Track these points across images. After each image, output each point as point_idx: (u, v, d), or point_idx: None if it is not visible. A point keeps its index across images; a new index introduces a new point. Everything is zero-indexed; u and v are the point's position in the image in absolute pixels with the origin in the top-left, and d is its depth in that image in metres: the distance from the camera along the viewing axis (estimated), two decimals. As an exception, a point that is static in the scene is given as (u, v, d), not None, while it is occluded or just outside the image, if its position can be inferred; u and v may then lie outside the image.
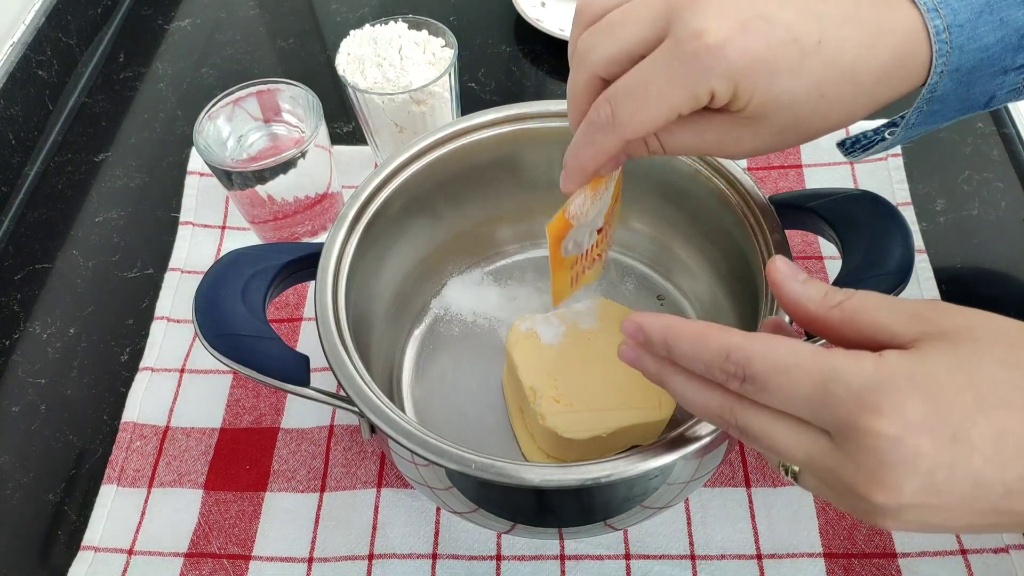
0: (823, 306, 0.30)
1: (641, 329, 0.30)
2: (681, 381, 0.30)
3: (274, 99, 0.58)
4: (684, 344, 0.29)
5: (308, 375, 0.40)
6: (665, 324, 0.30)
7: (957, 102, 0.36)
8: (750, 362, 0.27)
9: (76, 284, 0.61)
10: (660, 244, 0.54)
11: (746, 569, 0.45)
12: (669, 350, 0.30)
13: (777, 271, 0.31)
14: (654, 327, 0.30)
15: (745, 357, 0.27)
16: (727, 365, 0.28)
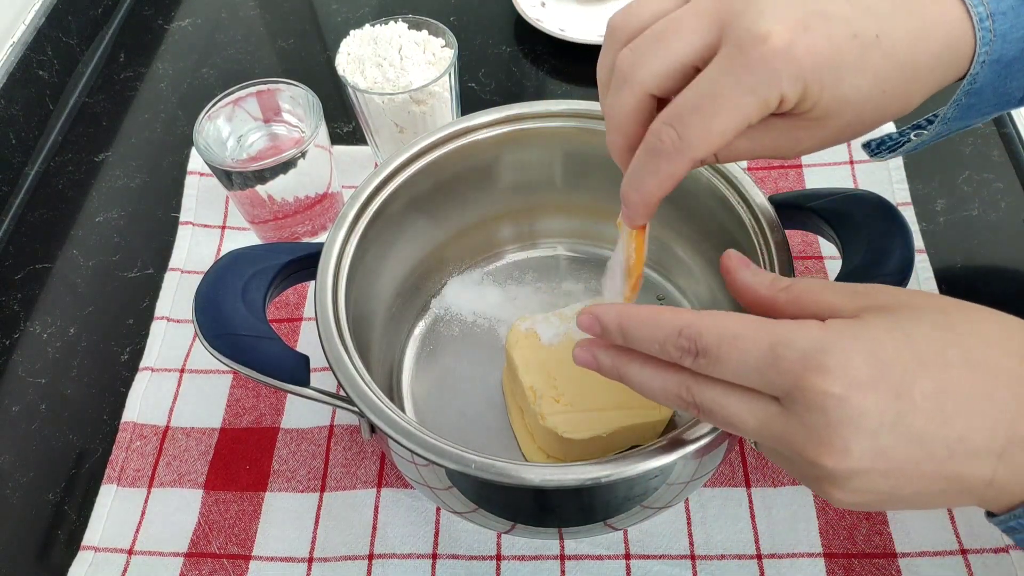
0: (771, 289, 0.32)
1: (598, 320, 0.31)
2: (637, 368, 0.31)
3: (274, 99, 0.58)
4: (638, 327, 0.30)
5: (308, 375, 0.40)
6: (618, 311, 0.31)
7: (993, 96, 0.35)
8: (701, 335, 0.28)
9: (76, 284, 0.61)
10: (659, 244, 0.53)
11: (746, 569, 0.45)
12: (624, 335, 0.31)
13: (729, 260, 0.33)
14: (609, 315, 0.31)
15: (696, 331, 0.28)
16: (680, 341, 0.29)
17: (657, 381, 0.31)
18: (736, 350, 0.28)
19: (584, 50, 0.72)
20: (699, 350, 0.28)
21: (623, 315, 0.31)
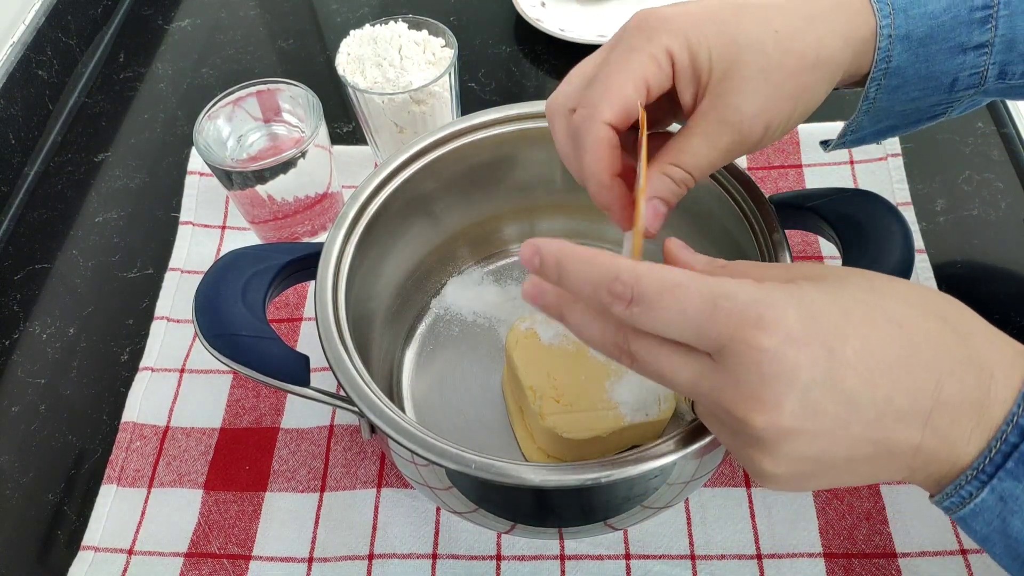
0: (709, 267, 0.32)
1: (538, 252, 0.30)
2: (578, 312, 0.31)
3: (274, 99, 0.58)
4: (574, 263, 0.29)
5: (308, 375, 0.40)
6: (559, 246, 0.30)
7: (918, 79, 0.36)
8: (639, 281, 0.28)
9: (76, 284, 0.61)
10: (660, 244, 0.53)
11: (746, 569, 0.45)
12: (560, 272, 0.30)
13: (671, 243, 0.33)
14: (548, 248, 0.30)
15: (634, 276, 0.28)
16: (615, 285, 0.28)
17: (596, 326, 0.30)
18: (676, 300, 0.27)
19: (584, 50, 0.72)
20: (635, 296, 0.27)
21: (562, 251, 0.29)
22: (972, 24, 0.35)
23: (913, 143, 0.62)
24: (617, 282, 0.28)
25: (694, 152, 0.35)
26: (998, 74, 0.36)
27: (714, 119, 0.34)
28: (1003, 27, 0.35)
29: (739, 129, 0.34)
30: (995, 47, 0.35)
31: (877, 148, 0.61)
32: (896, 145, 0.61)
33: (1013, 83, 0.37)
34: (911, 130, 0.40)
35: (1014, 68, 0.36)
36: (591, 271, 0.29)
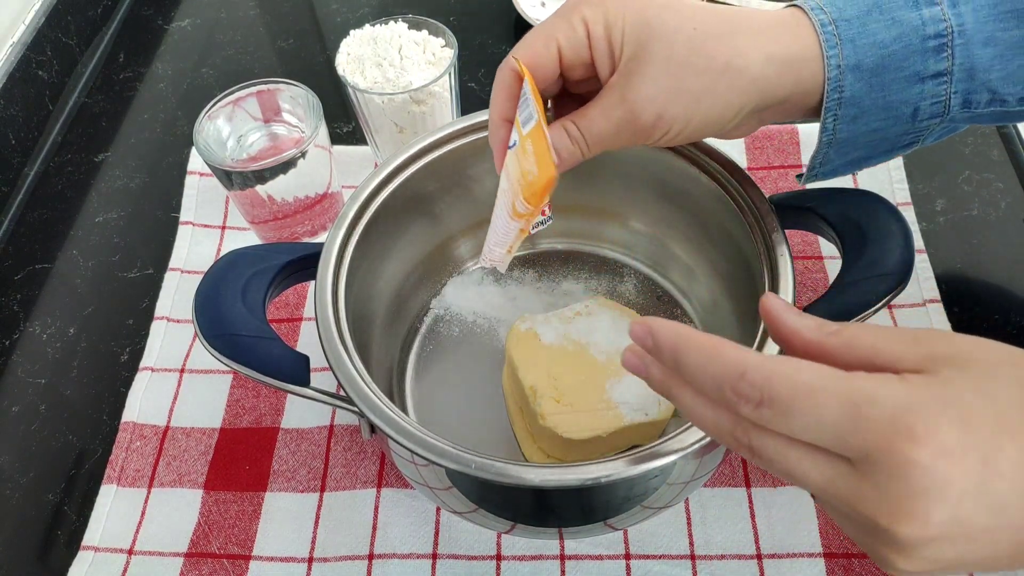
0: (820, 333, 0.29)
1: (651, 333, 0.29)
2: (690, 394, 0.29)
3: (274, 99, 0.58)
4: (694, 355, 0.28)
5: (308, 375, 0.40)
6: (676, 331, 0.28)
7: (876, 109, 0.36)
8: (769, 382, 0.26)
9: (76, 284, 0.61)
10: (660, 244, 0.54)
11: (746, 569, 0.45)
12: (677, 360, 0.28)
13: (770, 303, 0.31)
14: (664, 333, 0.29)
15: (764, 377, 0.26)
16: (741, 385, 0.26)
17: (710, 414, 0.28)
18: (812, 405, 0.25)
19: (584, 50, 0.72)
20: (765, 399, 0.26)
21: (680, 339, 0.28)
22: (926, 53, 0.34)
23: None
24: (743, 381, 0.26)
25: (591, 117, 0.37)
26: (962, 103, 0.36)
27: (614, 94, 0.36)
28: (960, 55, 0.34)
29: (631, 108, 0.35)
30: (954, 75, 0.35)
31: (877, 148, 0.61)
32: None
33: (980, 111, 0.36)
34: (884, 160, 0.39)
35: (977, 97, 0.35)
36: (714, 366, 0.27)
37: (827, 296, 0.40)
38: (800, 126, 0.63)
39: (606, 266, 0.55)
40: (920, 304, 0.53)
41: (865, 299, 0.39)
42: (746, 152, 0.63)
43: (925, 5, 0.34)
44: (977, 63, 0.35)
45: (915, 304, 0.53)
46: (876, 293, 0.38)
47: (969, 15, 0.34)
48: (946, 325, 0.52)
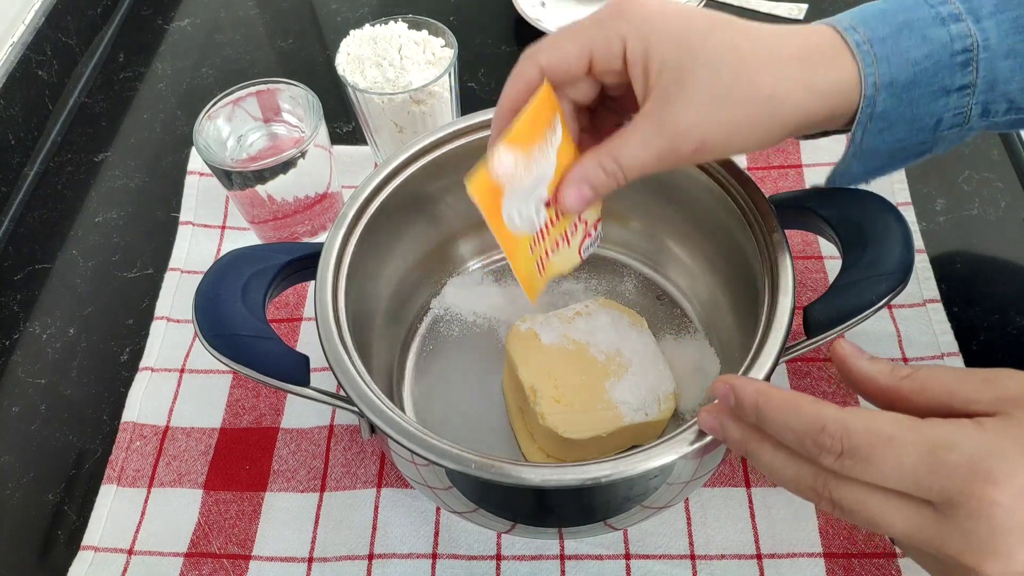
0: (893, 378, 0.31)
1: (733, 391, 0.30)
2: (769, 450, 0.30)
3: (274, 99, 0.58)
4: (776, 412, 0.29)
5: (308, 375, 0.40)
6: (757, 389, 0.30)
7: (903, 122, 0.36)
8: (848, 434, 0.27)
9: (76, 284, 0.61)
10: (660, 244, 0.54)
11: (746, 569, 0.45)
12: (760, 416, 0.30)
13: (843, 350, 0.32)
14: (747, 392, 0.30)
15: (843, 428, 0.27)
16: (822, 438, 0.28)
17: (790, 469, 0.30)
18: (891, 454, 0.27)
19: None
20: (845, 450, 0.27)
21: (761, 395, 0.30)
22: (954, 68, 0.35)
23: (913, 143, 0.62)
24: (824, 434, 0.28)
25: (629, 147, 0.36)
26: (981, 113, 0.36)
27: (653, 122, 0.35)
28: (984, 69, 0.35)
29: (672, 137, 0.35)
30: (978, 87, 0.36)
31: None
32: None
33: (997, 120, 0.37)
34: (900, 167, 0.40)
35: (996, 107, 0.36)
36: (795, 421, 0.28)
37: (827, 296, 0.40)
38: (800, 126, 0.63)
39: (606, 266, 0.55)
40: (920, 304, 0.53)
41: (865, 299, 0.39)
42: (746, 152, 0.63)
43: (952, 21, 0.35)
44: (999, 75, 0.35)
45: (915, 304, 0.53)
46: (876, 293, 0.38)
47: (992, 29, 0.35)
48: (946, 325, 0.52)
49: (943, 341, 0.51)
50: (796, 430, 0.28)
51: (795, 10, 0.70)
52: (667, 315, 0.53)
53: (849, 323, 0.39)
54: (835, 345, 0.33)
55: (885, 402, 0.31)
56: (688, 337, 0.51)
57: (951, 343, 0.51)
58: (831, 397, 0.50)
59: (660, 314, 0.53)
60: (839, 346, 0.33)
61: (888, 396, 0.31)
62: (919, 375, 0.30)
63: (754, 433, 0.31)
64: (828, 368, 0.51)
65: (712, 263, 0.50)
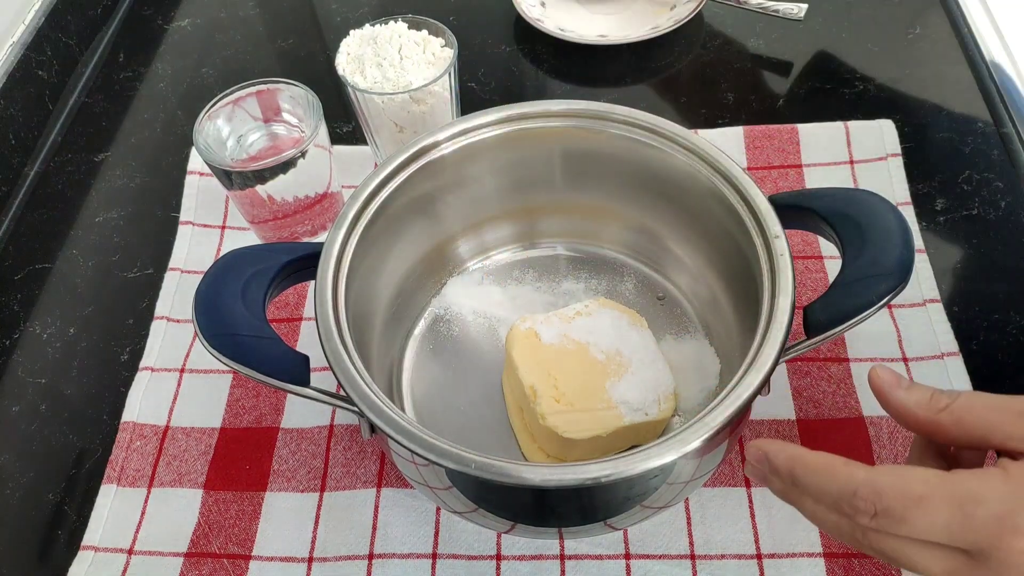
0: (931, 410, 0.32)
1: (767, 458, 0.32)
2: (809, 502, 0.31)
3: (274, 99, 0.58)
4: (810, 477, 0.30)
5: (308, 375, 0.40)
6: (790, 455, 0.31)
7: None
8: (880, 496, 0.28)
9: (76, 284, 0.61)
10: (659, 244, 0.54)
11: (746, 569, 0.45)
12: (794, 480, 0.31)
13: (880, 379, 0.33)
14: (779, 459, 0.31)
15: (874, 492, 0.28)
16: (856, 501, 0.29)
17: (830, 520, 0.31)
18: (924, 512, 0.28)
19: (584, 50, 0.72)
20: (879, 511, 0.28)
21: (794, 460, 0.31)
22: None
23: (913, 143, 0.62)
24: (857, 498, 0.29)
25: None
26: None
27: None
28: None
29: None
30: None
31: (877, 148, 0.61)
32: (896, 145, 0.61)
33: None
34: None
35: None
36: (828, 485, 0.30)
37: (827, 296, 0.39)
38: (800, 126, 0.63)
39: (606, 266, 0.55)
40: (920, 304, 0.53)
41: (865, 299, 0.39)
42: (746, 152, 0.63)
43: None
44: None
45: (915, 304, 0.53)
46: (876, 293, 0.38)
47: None
48: (946, 325, 0.52)
49: (943, 341, 0.51)
50: (831, 493, 0.30)
51: (795, 10, 0.70)
52: (667, 315, 0.53)
53: (849, 323, 0.39)
54: (873, 373, 0.33)
55: (923, 433, 0.33)
56: (688, 337, 0.51)
57: (951, 343, 0.51)
58: (831, 397, 0.50)
59: (660, 314, 0.53)
60: (876, 375, 0.33)
61: (926, 429, 0.32)
62: (956, 407, 0.31)
63: (794, 488, 0.32)
64: (828, 368, 0.51)
65: (712, 263, 0.50)
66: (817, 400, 0.50)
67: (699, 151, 0.46)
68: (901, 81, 0.67)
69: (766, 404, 0.50)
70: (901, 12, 0.73)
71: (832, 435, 0.48)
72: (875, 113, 0.64)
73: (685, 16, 0.71)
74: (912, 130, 0.63)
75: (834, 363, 0.51)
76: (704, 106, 0.67)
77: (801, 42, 0.71)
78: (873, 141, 0.62)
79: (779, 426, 0.49)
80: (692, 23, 0.72)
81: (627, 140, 0.48)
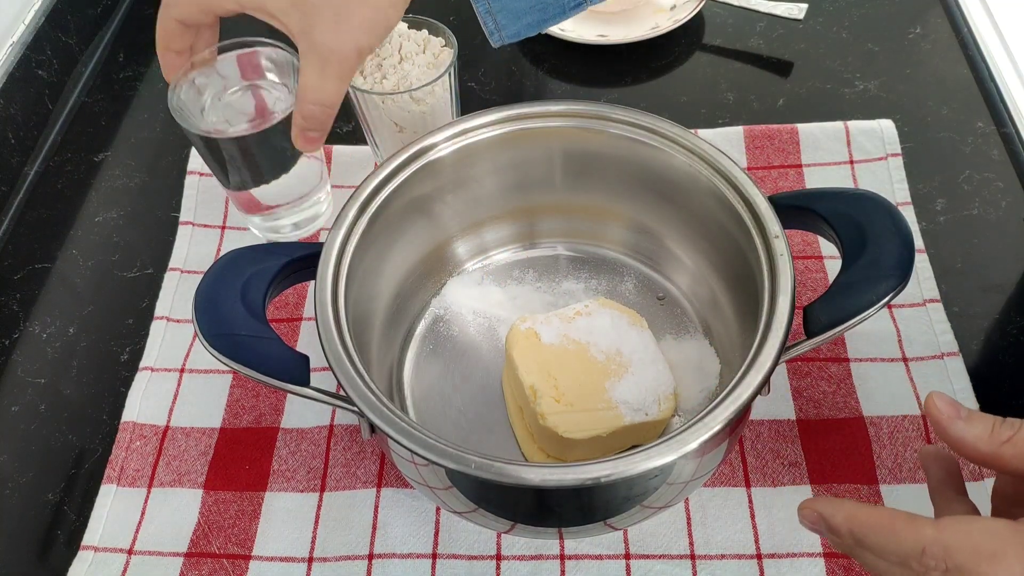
0: (993, 443, 0.30)
1: (823, 520, 0.30)
2: (871, 556, 0.30)
3: (256, 59, 0.55)
4: (871, 537, 0.29)
5: (308, 375, 0.40)
6: (847, 515, 0.30)
7: None
8: (950, 554, 0.28)
9: (76, 284, 0.61)
10: (659, 244, 0.54)
11: (746, 569, 0.45)
12: (856, 541, 0.30)
13: (937, 410, 0.32)
14: (836, 519, 0.30)
15: (943, 549, 0.28)
16: (925, 560, 0.28)
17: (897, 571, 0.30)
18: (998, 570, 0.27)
19: (584, 50, 0.72)
20: (950, 568, 0.28)
21: (854, 520, 0.30)
22: None
23: (913, 143, 0.62)
24: (925, 556, 0.28)
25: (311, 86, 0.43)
26: None
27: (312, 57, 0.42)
28: None
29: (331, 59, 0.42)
30: None
31: (877, 148, 0.61)
32: (896, 145, 0.61)
33: None
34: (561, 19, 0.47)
35: None
36: (893, 544, 0.29)
37: (827, 296, 0.40)
38: (800, 126, 0.63)
39: (606, 266, 0.55)
40: (920, 304, 0.53)
41: (865, 299, 0.39)
42: (746, 152, 0.63)
43: None
44: None
45: (915, 304, 0.53)
46: (876, 293, 0.39)
47: None
48: (946, 325, 0.52)
49: (943, 341, 0.51)
50: (897, 553, 0.29)
51: (795, 10, 0.70)
52: (667, 315, 0.53)
53: (849, 323, 0.39)
54: (930, 404, 0.32)
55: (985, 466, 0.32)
56: (688, 337, 0.51)
57: (951, 343, 0.51)
58: (831, 397, 0.50)
59: (660, 314, 0.53)
60: (934, 406, 0.32)
61: (987, 462, 0.31)
62: (1019, 440, 0.30)
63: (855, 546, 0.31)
64: (828, 368, 0.51)
65: (712, 263, 0.50)
66: (817, 400, 0.50)
67: (699, 151, 0.46)
68: (901, 81, 0.67)
69: (766, 404, 0.50)
70: (901, 12, 0.73)
71: (832, 435, 0.48)
72: (875, 113, 0.64)
73: (685, 16, 0.71)
74: (912, 130, 0.63)
75: (834, 363, 0.51)
76: (704, 106, 0.67)
77: (801, 42, 0.71)
78: (873, 141, 0.62)
79: (779, 426, 0.49)
80: (692, 23, 0.72)
81: (627, 140, 0.48)
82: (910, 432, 0.48)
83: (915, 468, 0.47)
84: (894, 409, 0.49)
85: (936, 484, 0.35)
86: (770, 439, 0.49)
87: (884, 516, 0.29)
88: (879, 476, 0.47)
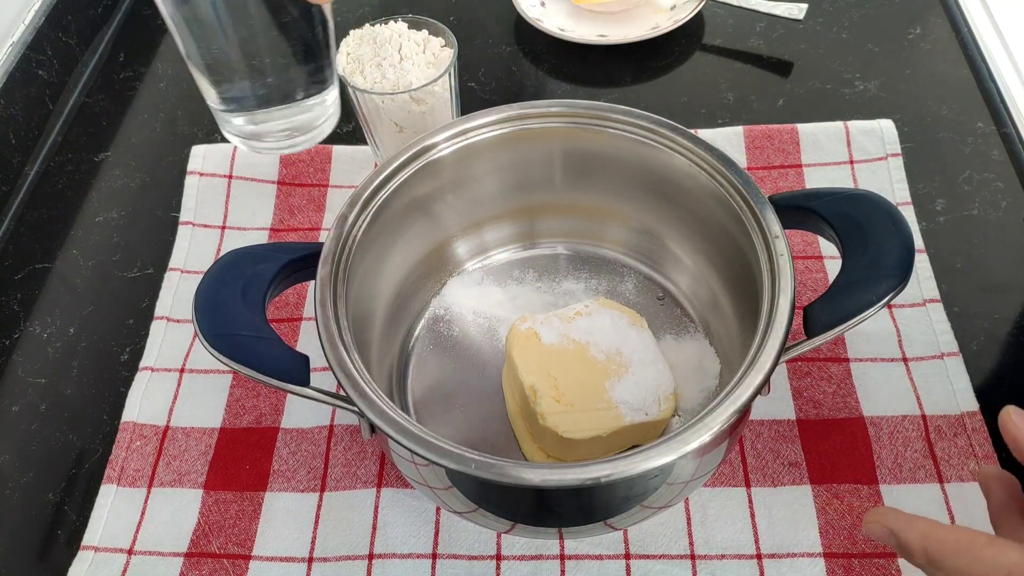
0: None
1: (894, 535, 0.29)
2: None
3: None
4: (951, 559, 0.28)
5: (308, 375, 0.40)
6: (923, 533, 0.29)
7: None
8: None
9: (76, 284, 0.61)
10: (659, 244, 0.54)
11: (746, 569, 0.45)
12: (931, 561, 0.29)
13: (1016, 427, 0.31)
14: (909, 536, 0.29)
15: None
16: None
17: None
18: None
19: (584, 50, 0.72)
20: None
21: (929, 538, 0.28)
22: None
23: (913, 143, 0.62)
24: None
25: None
26: None
27: None
28: None
29: None
30: None
31: (877, 148, 0.61)
32: (896, 145, 0.61)
33: None
34: None
35: None
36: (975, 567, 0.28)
37: (827, 296, 0.40)
38: (800, 126, 0.63)
39: (606, 266, 0.55)
40: (920, 304, 0.53)
41: (865, 299, 0.39)
42: (746, 152, 0.63)
43: None
44: None
45: (915, 304, 0.53)
46: (876, 293, 0.39)
47: None
48: (946, 325, 0.52)
49: (943, 341, 0.51)
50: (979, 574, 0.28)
51: (795, 10, 0.70)
52: (667, 315, 0.53)
53: (849, 323, 0.39)
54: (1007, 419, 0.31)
55: None
56: (688, 337, 0.51)
57: (951, 343, 0.51)
58: (831, 397, 0.50)
59: (660, 314, 0.53)
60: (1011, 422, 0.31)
61: None
62: None
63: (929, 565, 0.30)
64: (828, 368, 0.51)
65: (712, 263, 0.50)
66: (817, 400, 0.50)
67: (699, 151, 0.46)
68: (901, 81, 0.67)
69: (766, 404, 0.50)
70: (901, 12, 0.73)
71: (832, 435, 0.48)
72: (875, 113, 0.64)
73: (685, 16, 0.71)
74: (912, 130, 0.63)
75: (834, 363, 0.51)
76: (704, 106, 0.67)
77: (801, 42, 0.71)
78: (873, 141, 0.62)
79: (779, 426, 0.49)
80: (692, 23, 0.72)
81: (627, 140, 0.48)
82: (910, 432, 0.48)
83: (915, 468, 0.47)
84: (894, 409, 0.49)
85: (998, 506, 0.34)
86: (770, 439, 0.49)
87: (963, 537, 0.28)
88: (879, 476, 0.47)
